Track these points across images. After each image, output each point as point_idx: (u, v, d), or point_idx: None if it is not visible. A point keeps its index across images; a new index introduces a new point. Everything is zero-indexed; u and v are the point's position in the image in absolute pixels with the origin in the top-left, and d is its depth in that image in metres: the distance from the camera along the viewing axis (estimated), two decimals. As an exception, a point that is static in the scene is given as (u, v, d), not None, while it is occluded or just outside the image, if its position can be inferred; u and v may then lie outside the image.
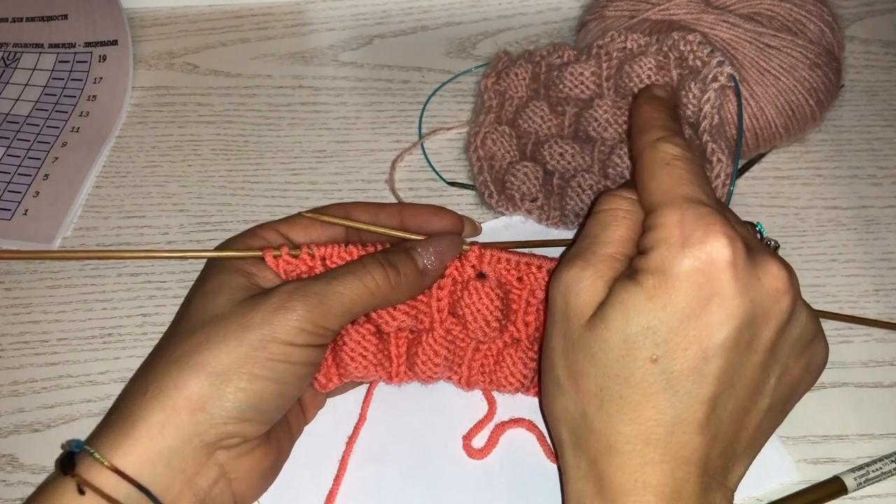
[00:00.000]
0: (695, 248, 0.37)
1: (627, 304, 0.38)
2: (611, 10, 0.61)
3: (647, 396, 0.38)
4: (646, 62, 0.56)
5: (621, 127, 0.57)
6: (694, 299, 0.37)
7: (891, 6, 0.73)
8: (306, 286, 0.42)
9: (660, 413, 0.38)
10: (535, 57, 0.62)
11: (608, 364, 0.39)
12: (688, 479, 0.38)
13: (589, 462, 0.39)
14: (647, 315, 0.38)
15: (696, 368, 0.37)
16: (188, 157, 0.65)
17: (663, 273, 0.38)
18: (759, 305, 0.38)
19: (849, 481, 0.47)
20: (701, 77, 0.52)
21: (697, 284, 0.37)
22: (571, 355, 0.40)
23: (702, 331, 0.37)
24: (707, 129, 0.51)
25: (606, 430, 0.39)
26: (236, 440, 0.41)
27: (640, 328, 0.38)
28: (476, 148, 0.61)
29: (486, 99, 0.62)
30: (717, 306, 0.37)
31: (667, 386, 0.38)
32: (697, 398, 0.38)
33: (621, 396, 0.38)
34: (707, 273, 0.37)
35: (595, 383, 0.39)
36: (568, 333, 0.40)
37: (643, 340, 0.38)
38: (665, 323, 0.37)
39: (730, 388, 0.38)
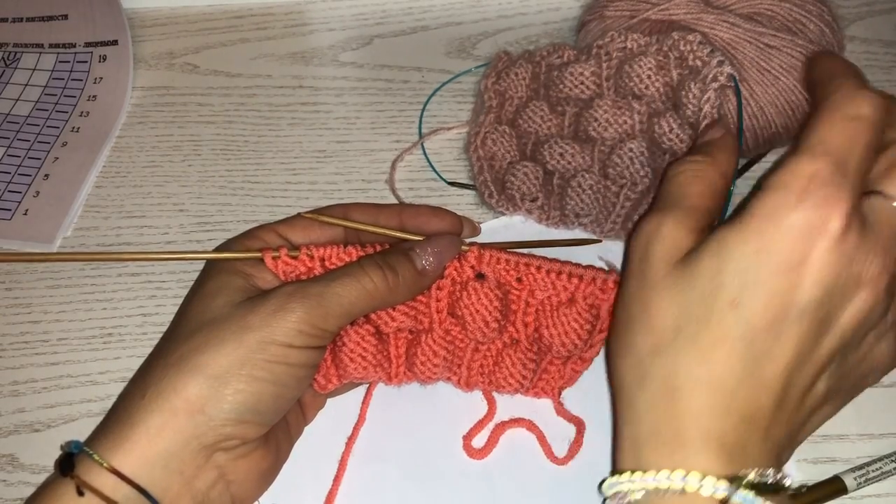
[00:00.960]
0: (811, 205, 0.36)
1: (722, 246, 0.37)
2: (611, 10, 0.61)
3: (721, 341, 0.37)
4: (646, 62, 0.56)
5: (621, 127, 0.57)
6: (790, 255, 0.36)
7: (891, 6, 0.73)
8: (305, 288, 0.42)
9: (731, 362, 0.37)
10: (535, 57, 0.62)
11: (689, 303, 0.38)
12: (751, 439, 0.37)
13: (649, 403, 0.38)
14: (740, 259, 0.37)
15: (774, 326, 0.36)
16: (188, 157, 0.65)
17: (770, 219, 0.36)
18: (847, 287, 0.37)
19: (849, 481, 0.47)
20: (701, 77, 0.52)
21: (797, 241, 0.36)
22: (651, 293, 0.39)
23: (788, 290, 0.36)
24: None
25: (674, 371, 0.38)
26: (235, 442, 0.41)
27: (730, 268, 0.37)
28: (476, 148, 0.61)
29: (486, 99, 0.62)
30: (809, 271, 0.36)
31: (742, 335, 0.37)
32: (772, 360, 0.37)
33: (696, 337, 0.37)
34: (809, 236, 0.36)
35: (671, 321, 0.38)
36: (648, 276, 0.40)
37: (730, 282, 0.37)
38: (755, 270, 0.36)
39: (805, 361, 0.37)
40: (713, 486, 0.35)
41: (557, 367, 0.50)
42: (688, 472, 0.36)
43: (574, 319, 0.47)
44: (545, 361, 0.49)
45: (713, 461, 0.36)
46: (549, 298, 0.48)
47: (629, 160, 0.56)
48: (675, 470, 0.36)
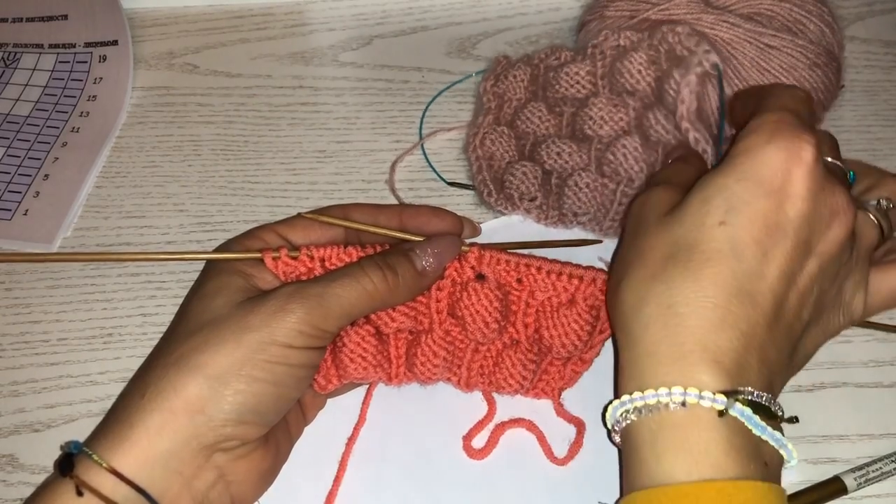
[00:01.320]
0: (783, 139, 0.40)
1: (707, 183, 0.41)
2: (611, 10, 0.61)
3: (711, 259, 0.39)
4: (637, 57, 0.56)
5: (616, 124, 0.57)
6: (769, 180, 0.39)
7: (891, 6, 0.73)
8: (305, 288, 0.42)
9: (722, 278, 0.39)
10: (533, 60, 0.62)
11: (679, 234, 0.40)
12: (746, 357, 0.38)
13: (645, 325, 0.40)
14: (724, 189, 0.40)
15: (761, 242, 0.39)
16: (188, 157, 0.65)
17: (748, 155, 0.40)
18: (821, 215, 0.40)
19: (849, 481, 0.47)
20: (684, 64, 0.53)
21: (775, 168, 0.39)
22: (644, 239, 0.42)
23: (771, 210, 0.39)
24: (685, 114, 0.52)
25: (668, 293, 0.39)
26: (234, 442, 0.41)
27: (716, 196, 0.40)
28: (475, 148, 0.61)
29: (484, 101, 0.62)
30: (787, 195, 0.39)
31: (731, 251, 0.39)
32: (761, 276, 0.39)
33: (687, 260, 0.39)
34: (787, 162, 0.39)
35: (663, 252, 0.41)
36: (641, 227, 0.43)
37: (717, 207, 0.40)
38: (738, 195, 0.39)
39: (791, 282, 0.40)
40: (711, 399, 0.37)
41: (557, 367, 0.50)
42: (686, 387, 0.37)
43: (574, 321, 0.47)
44: (545, 362, 0.49)
45: (711, 377, 0.37)
46: (549, 299, 0.48)
47: (622, 157, 0.56)
48: (674, 386, 0.37)
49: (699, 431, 0.37)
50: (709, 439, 0.37)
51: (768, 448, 0.38)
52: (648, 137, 0.56)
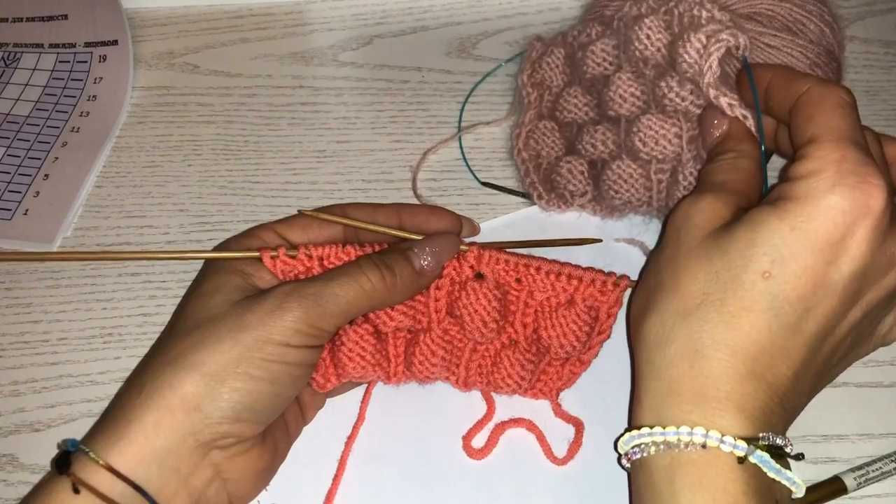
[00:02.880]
0: (849, 187, 0.37)
1: (757, 221, 0.38)
2: (611, 9, 0.61)
3: (747, 310, 0.38)
4: (647, 22, 0.51)
5: (638, 99, 0.53)
6: (827, 234, 0.37)
7: (891, 6, 0.73)
8: (302, 287, 0.42)
9: (757, 331, 0.37)
10: (567, 38, 0.59)
11: (719, 270, 0.38)
12: (770, 405, 0.38)
13: (670, 361, 0.39)
14: (775, 234, 0.38)
15: (805, 300, 0.37)
16: (188, 157, 0.65)
17: (806, 200, 0.37)
18: (880, 265, 0.38)
19: (849, 481, 0.47)
20: (702, 29, 0.48)
21: (837, 222, 0.37)
22: (683, 260, 0.40)
23: (822, 266, 0.37)
24: (711, 82, 0.47)
25: (698, 333, 0.38)
26: (231, 440, 0.41)
27: (763, 243, 0.38)
28: (519, 150, 0.59)
29: (524, 95, 0.60)
30: (845, 250, 0.37)
31: (770, 306, 0.37)
32: (799, 332, 0.38)
33: (722, 303, 0.38)
34: (851, 215, 0.37)
35: (700, 286, 0.39)
36: (682, 243, 0.41)
37: (762, 255, 0.38)
38: (789, 246, 0.37)
39: (829, 334, 0.39)
40: (732, 445, 0.36)
41: (556, 368, 0.50)
42: (708, 429, 0.37)
43: (573, 321, 0.47)
44: (543, 363, 0.49)
45: (733, 421, 0.37)
46: (548, 300, 0.48)
47: (645, 138, 0.52)
48: (696, 426, 0.37)
49: (717, 471, 0.37)
50: (727, 479, 0.37)
51: (780, 486, 0.38)
52: (665, 109, 0.52)
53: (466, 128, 0.65)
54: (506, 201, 0.61)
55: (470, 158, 0.64)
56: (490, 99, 0.67)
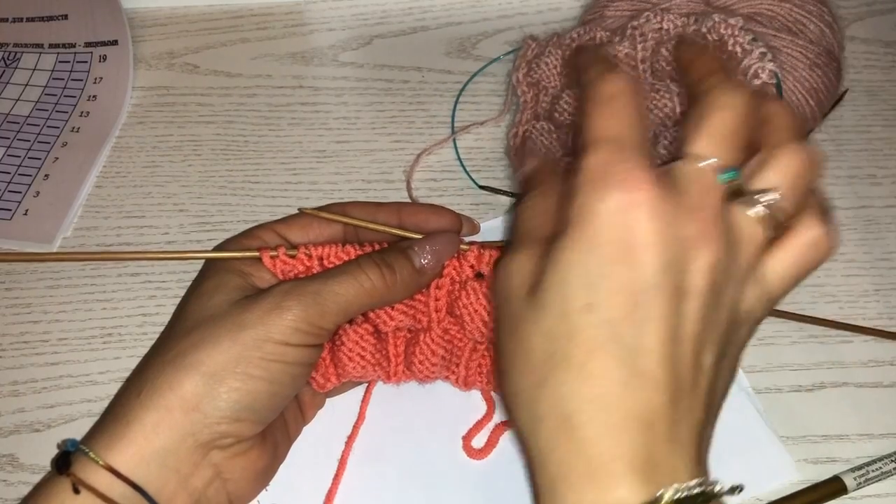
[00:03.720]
0: (611, 189, 0.35)
1: (558, 258, 0.36)
2: (611, 9, 0.61)
3: (591, 352, 0.35)
4: None
5: (661, 111, 0.55)
6: (614, 242, 0.35)
7: (891, 6, 0.73)
8: (302, 286, 0.42)
9: (608, 369, 0.34)
10: (564, 40, 0.59)
11: (551, 326, 0.36)
12: (658, 447, 0.34)
13: (549, 441, 0.36)
14: (576, 261, 0.36)
15: (633, 314, 0.35)
16: (188, 157, 0.65)
17: (584, 216, 0.36)
18: (682, 250, 0.35)
19: (849, 481, 0.47)
20: (741, 68, 0.50)
21: (615, 226, 0.35)
22: (518, 332, 0.37)
23: (627, 273, 0.35)
24: None
25: (560, 399, 0.35)
26: (230, 440, 0.41)
27: (572, 274, 0.36)
28: (517, 150, 0.60)
29: (520, 94, 0.60)
30: (639, 247, 0.35)
31: (608, 336, 0.35)
32: (645, 351, 0.35)
33: (567, 357, 0.35)
34: (623, 213, 0.35)
35: (543, 351, 0.36)
36: (511, 313, 0.38)
37: (576, 287, 0.35)
38: (593, 265, 0.35)
39: (677, 340, 0.35)
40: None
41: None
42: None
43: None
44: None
45: (629, 489, 0.33)
46: (548, 298, 0.48)
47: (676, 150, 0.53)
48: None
49: None
50: None
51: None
52: None
53: (460, 129, 0.65)
54: (505, 201, 0.61)
55: (470, 158, 0.63)
56: (489, 99, 0.67)
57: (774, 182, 0.38)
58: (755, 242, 0.38)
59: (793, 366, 0.53)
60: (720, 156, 0.37)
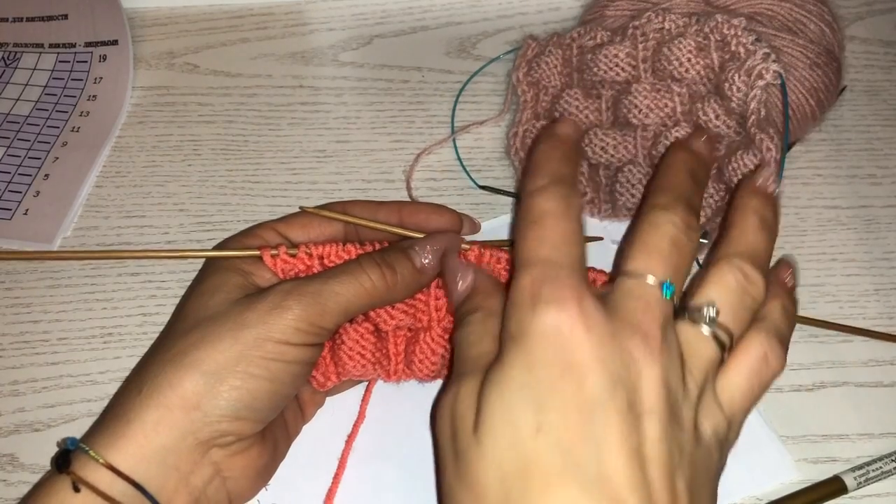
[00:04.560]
0: (544, 306, 0.35)
1: (499, 380, 0.35)
2: (611, 9, 0.61)
3: (549, 483, 0.33)
4: (686, 44, 0.54)
5: (662, 111, 0.55)
6: (556, 360, 0.34)
7: (891, 6, 0.73)
8: (302, 285, 0.42)
9: (571, 498, 0.32)
10: (564, 40, 0.59)
11: (502, 459, 0.34)
12: None
13: None
14: (519, 382, 0.34)
15: (586, 434, 0.33)
16: (188, 157, 0.65)
17: (520, 336, 0.35)
18: (625, 364, 0.34)
19: (849, 481, 0.47)
20: (745, 69, 0.51)
21: (555, 345, 0.34)
22: (467, 474, 0.35)
23: (575, 391, 0.33)
24: (755, 122, 0.50)
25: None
26: (231, 438, 0.41)
27: (516, 396, 0.34)
28: (517, 150, 0.60)
29: (520, 93, 0.61)
30: (581, 362, 0.34)
31: (566, 462, 0.33)
32: (608, 473, 0.33)
33: (524, 493, 0.33)
34: (558, 334, 0.34)
35: (497, 487, 0.34)
36: (458, 451, 0.36)
37: (523, 409, 0.34)
38: (536, 386, 0.34)
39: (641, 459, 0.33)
40: None
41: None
42: None
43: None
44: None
45: None
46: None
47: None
48: None
49: None
50: None
51: None
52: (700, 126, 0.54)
53: (460, 129, 0.65)
54: (506, 201, 0.61)
55: (470, 158, 0.64)
56: (490, 98, 0.67)
57: (713, 296, 0.38)
58: (705, 358, 0.37)
59: (793, 366, 0.53)
60: (655, 272, 0.37)
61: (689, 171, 0.43)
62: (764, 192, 0.43)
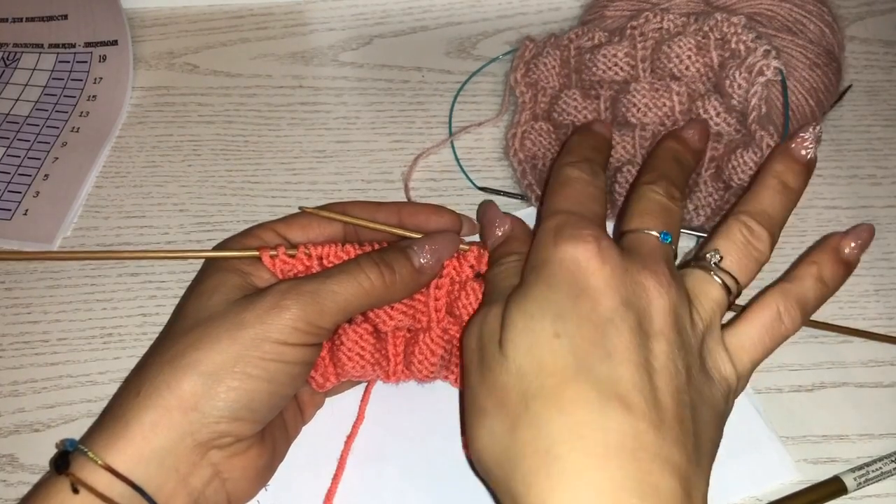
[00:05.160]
0: (566, 240, 0.39)
1: (521, 301, 0.39)
2: (611, 9, 0.61)
3: (565, 381, 0.36)
4: (685, 42, 0.54)
5: (661, 110, 0.55)
6: (573, 283, 0.38)
7: (891, 6, 0.73)
8: (300, 285, 0.42)
9: (584, 395, 0.35)
10: (562, 41, 0.60)
11: (521, 363, 0.37)
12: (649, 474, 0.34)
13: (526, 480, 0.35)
14: (539, 298, 0.38)
15: (599, 344, 0.37)
16: (188, 157, 0.65)
17: (542, 264, 0.40)
18: (635, 295, 0.38)
19: (849, 481, 0.47)
20: (746, 66, 0.51)
21: (573, 270, 0.38)
22: (490, 378, 0.38)
23: (589, 309, 0.37)
24: (756, 119, 0.51)
25: (539, 433, 0.35)
26: (229, 439, 0.41)
27: (537, 309, 0.38)
28: (515, 151, 0.60)
29: (518, 94, 0.61)
30: (593, 291, 0.38)
31: (580, 365, 0.36)
32: (618, 376, 0.36)
33: (542, 389, 0.36)
34: (576, 263, 0.39)
35: (516, 391, 0.37)
36: (483, 362, 0.39)
37: (542, 319, 0.38)
38: (558, 301, 0.38)
39: (649, 371, 0.36)
40: None
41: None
42: None
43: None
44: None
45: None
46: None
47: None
48: None
49: None
50: None
51: None
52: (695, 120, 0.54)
53: (458, 131, 0.65)
54: (505, 202, 0.61)
55: (469, 159, 0.63)
56: (490, 98, 0.67)
57: (718, 246, 0.42)
58: (711, 297, 0.41)
59: (793, 366, 0.53)
60: (651, 226, 0.42)
61: (675, 156, 0.47)
62: (792, 156, 0.45)
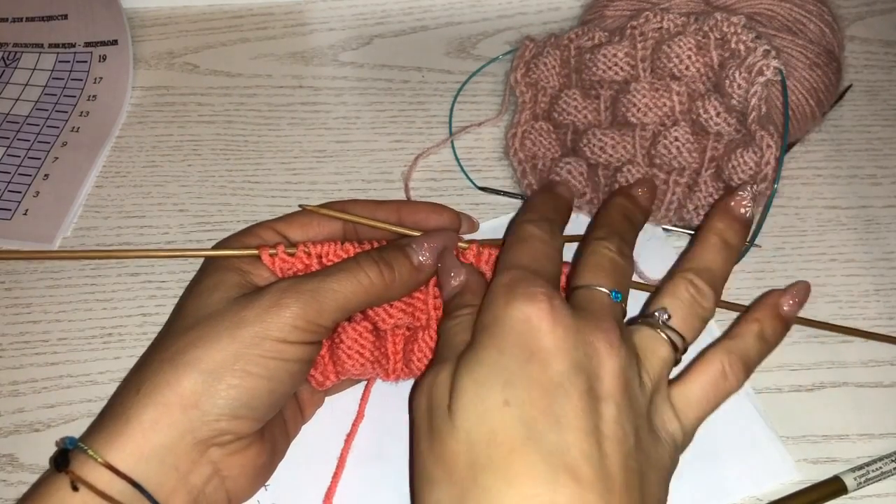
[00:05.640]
0: (517, 300, 0.39)
1: (471, 364, 0.38)
2: (611, 9, 0.61)
3: (513, 450, 0.35)
4: (685, 42, 0.54)
5: (661, 110, 0.55)
6: (524, 345, 0.38)
7: (891, 6, 0.73)
8: (300, 283, 0.42)
9: (532, 467, 0.35)
10: (562, 41, 0.60)
11: (470, 430, 0.37)
12: None
13: None
14: (489, 362, 0.38)
15: (548, 410, 0.36)
16: (188, 157, 0.65)
17: (493, 322, 0.39)
18: (585, 356, 0.38)
19: (849, 481, 0.47)
20: (746, 66, 0.51)
21: (523, 330, 0.38)
22: (439, 446, 0.38)
23: (540, 373, 0.37)
24: (756, 119, 0.51)
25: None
26: (229, 437, 0.41)
27: (487, 374, 0.37)
28: (516, 151, 0.60)
29: (518, 94, 0.61)
30: (544, 352, 0.37)
31: (528, 434, 0.36)
32: (567, 445, 0.35)
33: (491, 460, 0.36)
34: (527, 322, 0.38)
35: (465, 460, 0.36)
36: (433, 427, 0.38)
37: (492, 386, 0.37)
38: (507, 365, 0.37)
39: (599, 438, 0.36)
40: None
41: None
42: None
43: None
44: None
45: None
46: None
47: (676, 149, 0.54)
48: None
49: None
50: None
51: None
52: (703, 127, 0.54)
53: (458, 131, 0.65)
54: (505, 202, 0.61)
55: (470, 159, 0.63)
56: (490, 98, 0.67)
57: (665, 304, 0.43)
58: (658, 356, 0.41)
59: (793, 366, 0.53)
60: (602, 283, 0.42)
61: (625, 213, 0.48)
62: (732, 215, 0.47)
